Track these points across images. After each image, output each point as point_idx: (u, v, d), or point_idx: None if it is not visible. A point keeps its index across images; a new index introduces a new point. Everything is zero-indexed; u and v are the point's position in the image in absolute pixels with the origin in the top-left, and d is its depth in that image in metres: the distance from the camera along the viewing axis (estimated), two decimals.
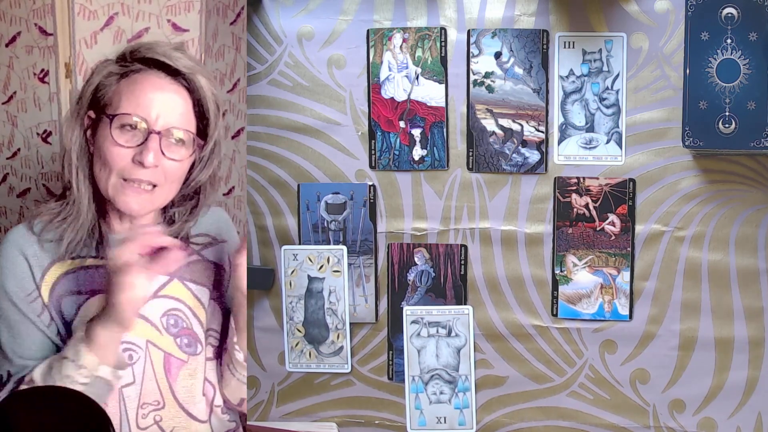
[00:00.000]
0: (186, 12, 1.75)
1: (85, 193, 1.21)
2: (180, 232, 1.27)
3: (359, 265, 1.63)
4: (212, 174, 1.27)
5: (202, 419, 1.30)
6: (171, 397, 1.26)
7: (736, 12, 1.41)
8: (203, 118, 1.23)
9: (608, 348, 1.59)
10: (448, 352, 1.62)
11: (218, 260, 1.33)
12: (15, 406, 1.09)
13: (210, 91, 1.22)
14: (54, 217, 1.22)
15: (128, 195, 1.18)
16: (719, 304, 1.55)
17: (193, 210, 1.28)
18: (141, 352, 1.24)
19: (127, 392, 1.23)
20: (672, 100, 1.53)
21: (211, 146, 1.24)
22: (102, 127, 1.18)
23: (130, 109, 1.16)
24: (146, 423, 1.24)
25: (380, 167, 1.62)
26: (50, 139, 1.76)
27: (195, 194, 1.28)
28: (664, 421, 1.58)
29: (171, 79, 1.20)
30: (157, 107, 1.17)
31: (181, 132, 1.19)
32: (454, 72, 1.59)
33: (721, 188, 1.54)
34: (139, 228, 1.21)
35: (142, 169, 1.16)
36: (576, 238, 1.58)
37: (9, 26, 1.75)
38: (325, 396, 1.66)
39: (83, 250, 1.23)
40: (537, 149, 1.57)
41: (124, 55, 1.21)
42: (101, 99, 1.20)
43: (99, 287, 1.22)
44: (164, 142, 1.17)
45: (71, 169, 1.20)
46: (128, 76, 1.19)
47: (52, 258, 1.22)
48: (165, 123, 1.17)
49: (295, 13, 1.61)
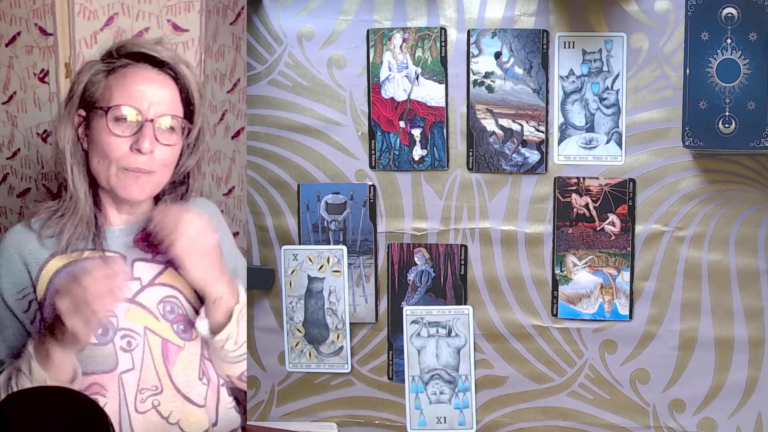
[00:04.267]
0: (186, 12, 1.75)
1: (81, 188, 1.27)
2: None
3: (359, 265, 1.63)
4: (198, 159, 1.35)
5: (200, 404, 1.33)
6: (169, 382, 1.30)
7: (736, 12, 1.41)
8: (189, 104, 1.30)
9: (608, 348, 1.59)
10: (448, 352, 1.62)
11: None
12: (15, 406, 1.09)
13: (193, 80, 1.30)
14: (52, 215, 1.28)
15: (128, 182, 1.25)
16: (719, 304, 1.55)
17: (183, 195, 1.35)
18: (139, 339, 1.28)
19: (126, 378, 1.27)
20: (672, 100, 1.53)
21: (196, 133, 1.32)
22: (97, 122, 1.25)
23: (122, 101, 1.23)
24: (145, 407, 1.28)
25: (380, 167, 1.62)
26: (50, 139, 1.76)
27: (184, 180, 1.35)
28: (664, 421, 1.58)
29: (157, 70, 1.27)
30: (147, 97, 1.24)
31: (171, 118, 1.26)
32: (454, 72, 1.59)
33: (721, 188, 1.54)
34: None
35: (139, 156, 1.23)
36: (576, 238, 1.58)
37: (9, 26, 1.75)
38: (325, 396, 1.66)
39: (81, 243, 1.28)
40: (537, 149, 1.57)
41: (110, 52, 1.28)
42: (91, 96, 1.26)
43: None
44: (157, 129, 1.24)
45: (66, 167, 1.27)
46: (116, 71, 1.26)
47: (52, 252, 1.27)
48: (156, 111, 1.24)
49: (295, 13, 1.61)
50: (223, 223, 1.45)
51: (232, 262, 1.40)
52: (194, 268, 1.24)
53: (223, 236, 1.41)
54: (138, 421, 1.28)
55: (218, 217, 1.44)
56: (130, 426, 1.28)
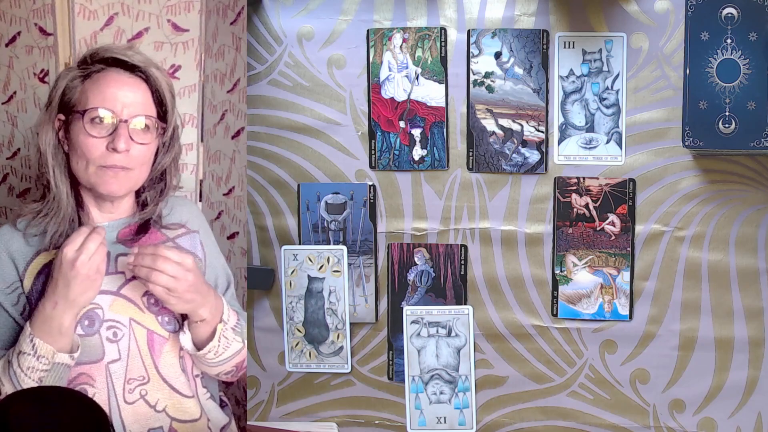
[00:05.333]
0: (186, 12, 1.74)
1: (63, 189, 1.33)
2: (152, 214, 1.40)
3: (359, 265, 1.63)
4: (174, 156, 1.41)
5: (187, 394, 1.37)
6: (155, 372, 1.35)
7: (736, 12, 1.41)
8: (162, 104, 1.36)
9: (608, 348, 1.59)
10: (448, 352, 1.62)
11: (191, 248, 1.43)
12: (15, 406, 1.09)
13: (164, 81, 1.36)
14: (36, 216, 1.34)
15: (108, 179, 1.31)
16: (719, 304, 1.55)
17: (162, 192, 1.41)
18: (125, 330, 1.33)
19: (113, 368, 1.32)
20: (672, 100, 1.53)
21: (171, 131, 1.38)
22: (74, 125, 1.31)
23: (97, 104, 1.30)
24: (133, 398, 1.33)
25: (380, 167, 1.62)
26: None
27: (162, 177, 1.41)
28: (664, 421, 1.58)
29: (129, 74, 1.34)
30: (121, 99, 1.31)
31: (144, 118, 1.32)
32: (454, 72, 1.59)
33: (721, 188, 1.54)
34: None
35: (116, 154, 1.30)
36: (576, 238, 1.58)
37: (9, 26, 1.75)
38: (325, 396, 1.66)
39: (64, 241, 1.32)
40: (537, 149, 1.57)
41: (85, 59, 1.35)
42: (69, 101, 1.33)
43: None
44: (132, 130, 1.31)
45: (48, 169, 1.33)
46: (91, 76, 1.33)
47: (37, 249, 1.33)
48: (130, 112, 1.31)
49: (295, 13, 1.61)
50: (204, 221, 1.50)
51: (212, 272, 1.45)
52: (176, 304, 1.29)
53: (205, 236, 1.48)
54: (128, 413, 1.32)
55: (199, 215, 1.50)
56: (120, 417, 1.32)
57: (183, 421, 1.36)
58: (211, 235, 1.50)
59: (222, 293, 1.44)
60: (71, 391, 1.22)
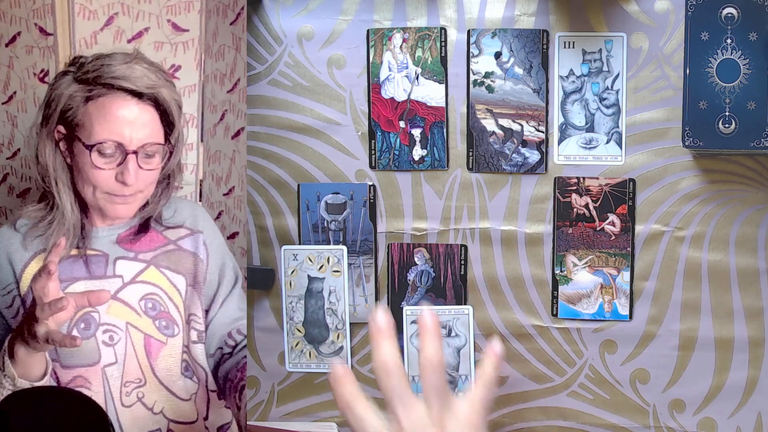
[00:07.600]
0: (186, 12, 1.75)
1: (68, 200, 1.31)
2: (153, 212, 1.38)
3: (359, 265, 1.63)
4: (179, 159, 1.40)
5: (184, 398, 1.36)
6: (151, 375, 1.34)
7: (736, 12, 1.41)
8: (170, 124, 1.33)
9: (608, 348, 1.59)
10: (448, 352, 1.62)
11: (194, 249, 1.42)
12: (15, 406, 1.09)
13: (172, 99, 1.32)
14: (39, 221, 1.32)
15: (116, 205, 1.30)
16: (719, 304, 1.55)
17: (164, 191, 1.40)
18: (121, 333, 1.32)
19: (109, 371, 1.30)
20: (672, 100, 1.53)
21: (176, 137, 1.36)
22: (80, 152, 1.27)
23: (104, 135, 1.25)
24: (130, 401, 1.32)
25: (380, 167, 1.62)
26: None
27: (165, 179, 1.40)
28: (664, 421, 1.58)
29: (137, 100, 1.28)
30: (128, 129, 1.26)
31: (154, 146, 1.29)
32: (454, 72, 1.59)
33: (721, 188, 1.54)
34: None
35: (124, 186, 1.28)
36: (576, 238, 1.58)
37: (9, 26, 1.75)
38: (325, 396, 1.66)
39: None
40: (537, 149, 1.57)
41: (87, 79, 1.27)
42: (69, 118, 1.28)
43: (79, 275, 1.33)
44: (140, 159, 1.28)
45: (51, 181, 1.30)
46: (95, 99, 1.26)
47: (35, 251, 1.32)
48: (138, 141, 1.27)
49: (295, 13, 1.61)
50: (209, 221, 1.48)
51: (215, 272, 1.45)
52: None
53: (211, 236, 1.46)
54: (126, 416, 1.31)
55: (204, 216, 1.48)
56: (118, 421, 1.31)
57: (181, 423, 1.36)
58: (218, 236, 1.49)
59: (228, 292, 1.44)
60: (71, 391, 1.22)
